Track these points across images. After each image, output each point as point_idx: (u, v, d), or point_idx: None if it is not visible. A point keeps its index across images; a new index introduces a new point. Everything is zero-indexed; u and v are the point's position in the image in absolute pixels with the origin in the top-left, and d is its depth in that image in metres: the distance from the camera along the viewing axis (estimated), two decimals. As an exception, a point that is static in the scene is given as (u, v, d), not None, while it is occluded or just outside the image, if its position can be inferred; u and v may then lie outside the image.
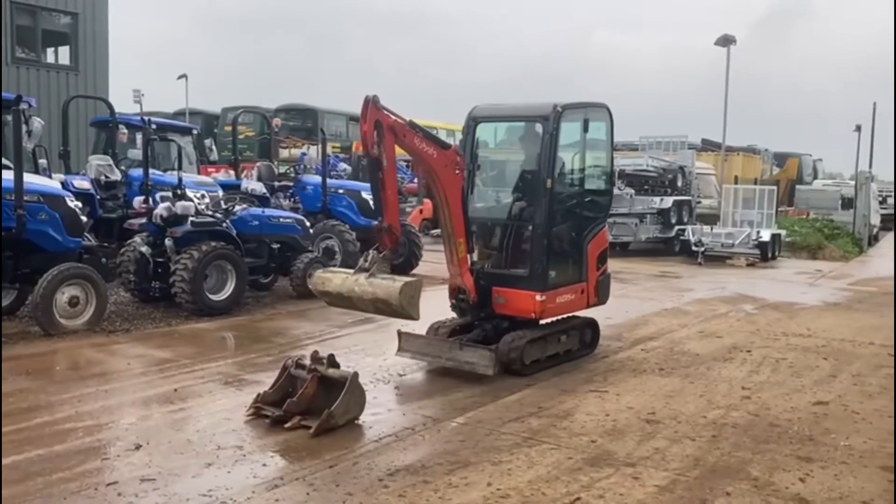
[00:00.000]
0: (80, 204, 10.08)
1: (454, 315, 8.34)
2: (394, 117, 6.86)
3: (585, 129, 8.21)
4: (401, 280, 6.67)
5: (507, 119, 9.07)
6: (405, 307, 6.59)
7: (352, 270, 7.01)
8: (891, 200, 38.76)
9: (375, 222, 7.06)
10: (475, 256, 8.16)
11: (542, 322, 8.16)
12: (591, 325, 8.93)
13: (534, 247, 7.98)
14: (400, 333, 8.10)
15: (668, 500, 4.92)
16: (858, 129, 31.26)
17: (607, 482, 5.13)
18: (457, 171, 7.51)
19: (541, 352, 8.04)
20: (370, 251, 6.96)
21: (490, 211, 8.72)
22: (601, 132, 8.66)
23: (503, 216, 8.38)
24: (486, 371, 7.45)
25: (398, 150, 7.02)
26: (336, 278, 7.03)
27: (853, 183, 28.87)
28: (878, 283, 16.61)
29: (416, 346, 8.03)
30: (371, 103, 6.63)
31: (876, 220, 29.35)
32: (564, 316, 8.49)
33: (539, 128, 8.04)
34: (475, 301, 7.90)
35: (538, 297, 7.83)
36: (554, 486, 5.03)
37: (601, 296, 8.76)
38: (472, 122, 8.49)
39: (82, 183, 12.40)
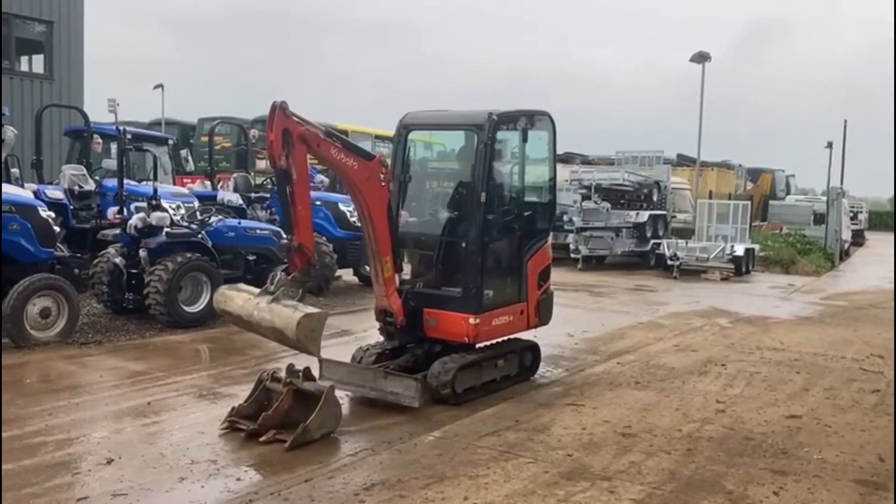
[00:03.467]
0: (52, 214, 9.95)
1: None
2: (305, 126, 6.27)
3: (524, 139, 7.69)
4: (302, 310, 6.02)
5: (440, 127, 8.56)
6: (302, 341, 6.01)
7: (257, 290, 6.40)
8: (861, 216, 39.38)
9: (284, 240, 6.48)
10: (406, 275, 7.60)
11: (478, 346, 7.54)
12: (532, 348, 8.31)
13: (467, 265, 7.34)
14: (321, 361, 7.05)
15: (644, 514, 4.93)
16: (830, 145, 31.68)
17: (583, 496, 5.13)
18: (382, 184, 6.91)
19: (475, 379, 7.45)
20: (277, 271, 6.45)
21: (422, 226, 8.10)
22: (542, 142, 8.13)
23: (436, 232, 7.81)
24: (412, 403, 6.81)
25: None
26: (238, 298, 6.42)
27: (825, 198, 29.28)
28: (849, 298, 16.84)
29: (338, 374, 7.22)
30: (278, 110, 6.10)
31: (847, 235, 29.78)
32: (503, 339, 7.89)
33: (473, 137, 7.44)
34: (403, 324, 7.30)
35: (471, 320, 7.21)
36: (530, 501, 5.02)
37: (543, 316, 8.12)
38: (404, 129, 7.82)
39: (55, 193, 12.25)
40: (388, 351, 7.74)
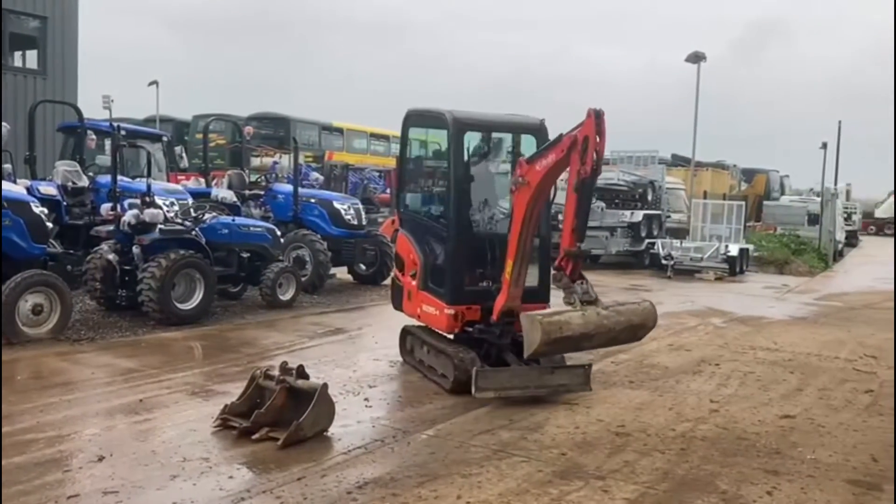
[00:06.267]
0: (45, 210, 9.91)
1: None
2: None
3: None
4: (644, 301, 7.19)
5: (495, 129, 8.58)
6: (654, 326, 7.08)
7: (570, 308, 6.67)
8: (855, 217, 39.52)
9: (573, 249, 6.67)
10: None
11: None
12: None
13: (543, 259, 7.87)
14: (477, 372, 7.06)
15: (638, 513, 4.92)
16: (824, 146, 31.78)
17: (577, 495, 5.12)
18: None
19: None
20: (580, 283, 6.69)
21: (488, 225, 8.17)
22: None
23: (502, 230, 7.84)
24: (584, 388, 7.44)
25: (367, 159, 6.87)
26: (574, 318, 6.59)
27: (819, 199, 29.35)
28: (843, 298, 16.88)
29: (497, 381, 7.18)
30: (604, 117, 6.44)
31: (841, 235, 29.87)
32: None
33: (533, 140, 7.93)
34: (496, 320, 7.51)
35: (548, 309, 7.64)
36: (524, 500, 5.01)
37: None
38: (461, 129, 7.83)
39: (48, 189, 12.20)
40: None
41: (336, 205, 14.73)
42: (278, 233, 12.48)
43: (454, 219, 7.83)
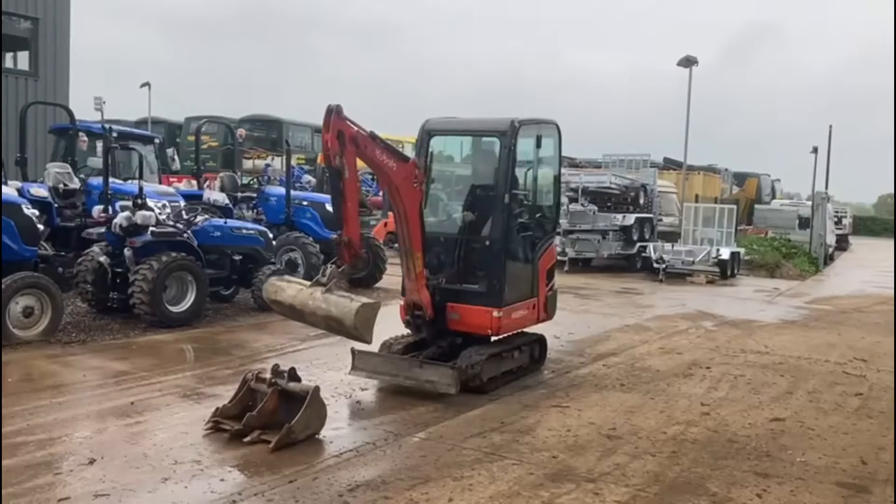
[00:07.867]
0: (36, 212, 9.88)
1: (408, 332, 8.25)
2: (356, 128, 6.73)
3: (538, 146, 8.30)
4: (359, 300, 6.49)
5: (462, 133, 8.95)
6: (359, 329, 6.43)
7: (308, 282, 6.83)
8: (845, 221, 39.70)
9: (335, 235, 6.93)
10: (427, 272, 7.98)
11: (494, 338, 8.08)
12: (540, 340, 8.88)
13: (491, 262, 7.87)
14: (354, 351, 7.78)
15: (628, 515, 4.94)
16: (815, 150, 31.93)
17: (568, 498, 5.14)
18: (415, 185, 7.38)
19: (497, 368, 7.94)
20: (328, 265, 6.85)
21: (442, 225, 8.58)
22: (550, 149, 8.74)
23: (456, 231, 8.24)
24: (448, 390, 7.31)
25: (360, 162, 6.96)
26: (290, 289, 6.80)
27: (810, 203, 29.48)
28: (833, 302, 16.95)
29: (371, 364, 7.81)
30: (334, 113, 6.54)
31: (831, 239, 29.99)
32: (515, 332, 8.40)
33: (497, 143, 8.00)
34: (432, 317, 7.77)
35: (495, 314, 7.75)
36: (515, 502, 5.02)
37: (550, 311, 8.80)
38: (426, 135, 8.31)
39: (39, 191, 12.16)
40: (412, 344, 8.16)
41: (328, 207, 14.70)
42: (270, 235, 12.47)
43: None
